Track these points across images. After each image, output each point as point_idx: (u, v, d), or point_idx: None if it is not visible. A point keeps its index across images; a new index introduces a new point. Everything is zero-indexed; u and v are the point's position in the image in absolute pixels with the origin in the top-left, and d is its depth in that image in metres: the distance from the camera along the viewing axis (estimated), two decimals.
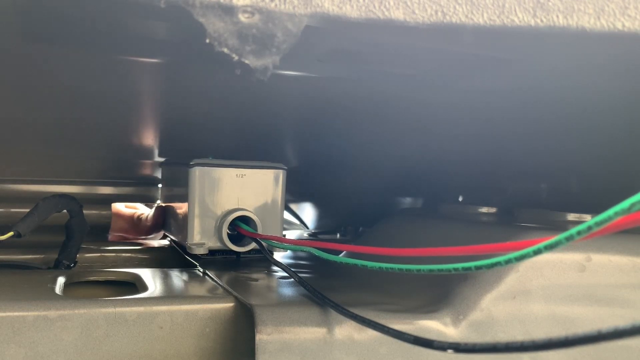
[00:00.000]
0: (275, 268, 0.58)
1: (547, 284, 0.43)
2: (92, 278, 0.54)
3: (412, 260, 0.34)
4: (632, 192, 0.22)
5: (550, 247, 0.24)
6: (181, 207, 0.61)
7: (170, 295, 0.46)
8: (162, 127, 0.64)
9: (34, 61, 0.43)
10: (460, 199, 0.83)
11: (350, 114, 0.61)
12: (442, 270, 0.30)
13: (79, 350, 0.39)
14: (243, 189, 0.59)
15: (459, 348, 0.26)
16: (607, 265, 0.44)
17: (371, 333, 0.39)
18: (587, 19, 0.32)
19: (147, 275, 0.53)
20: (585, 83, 0.48)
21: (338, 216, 1.00)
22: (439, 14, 0.30)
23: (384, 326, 0.36)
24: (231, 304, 0.43)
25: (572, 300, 0.43)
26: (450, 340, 0.40)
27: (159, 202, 0.82)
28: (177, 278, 0.53)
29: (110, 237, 0.78)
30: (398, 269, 0.35)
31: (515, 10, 0.31)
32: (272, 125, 0.66)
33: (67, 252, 0.60)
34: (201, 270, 0.56)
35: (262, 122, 0.64)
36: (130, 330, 0.40)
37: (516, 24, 0.31)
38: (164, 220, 0.73)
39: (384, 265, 0.36)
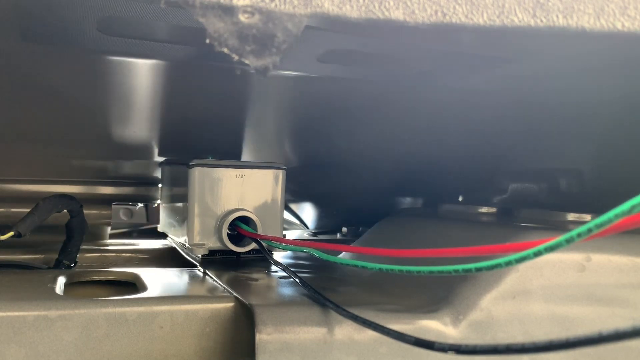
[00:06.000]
0: (275, 268, 0.58)
1: (547, 284, 0.43)
2: (92, 278, 0.54)
3: (412, 261, 0.34)
4: (631, 192, 0.22)
5: (550, 249, 0.24)
6: (181, 208, 0.61)
7: (170, 295, 0.46)
8: (162, 127, 0.64)
9: (34, 61, 0.43)
10: (460, 199, 0.83)
11: (350, 114, 0.61)
12: (442, 272, 0.30)
13: (79, 350, 0.39)
14: (243, 189, 0.59)
15: (460, 350, 0.26)
16: (607, 265, 0.44)
17: (371, 333, 0.39)
18: (587, 19, 0.32)
19: (147, 275, 0.53)
20: (585, 83, 0.48)
21: (338, 216, 1.00)
22: (439, 14, 0.30)
23: (384, 327, 0.36)
24: (231, 304, 0.43)
25: (572, 300, 0.43)
26: (451, 340, 0.40)
27: (159, 202, 0.82)
28: (177, 278, 0.53)
29: None
30: (398, 270, 0.35)
31: (515, 10, 0.31)
32: (272, 125, 0.66)
33: (67, 252, 0.60)
34: (201, 270, 0.56)
35: (262, 122, 0.64)
36: (131, 330, 0.40)
37: (516, 24, 0.31)
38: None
39: (384, 266, 0.36)
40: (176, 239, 0.65)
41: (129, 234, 0.89)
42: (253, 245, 0.57)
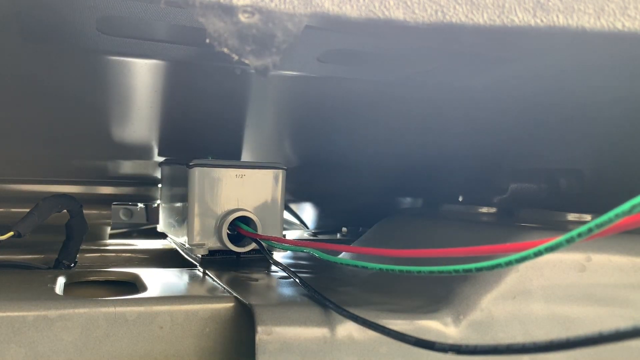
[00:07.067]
0: (275, 268, 0.58)
1: (547, 284, 0.43)
2: (92, 278, 0.54)
3: (412, 261, 0.34)
4: (632, 192, 0.22)
5: (551, 249, 0.24)
6: (181, 208, 0.61)
7: (170, 295, 0.46)
8: (162, 127, 0.64)
9: (34, 61, 0.43)
10: (460, 199, 0.83)
11: (349, 114, 0.61)
12: (442, 272, 0.30)
13: (79, 350, 0.39)
14: (243, 189, 0.59)
15: (460, 350, 0.26)
16: (607, 265, 0.44)
17: (371, 333, 0.39)
18: (587, 19, 0.32)
19: (147, 275, 0.53)
20: (585, 83, 0.48)
21: (338, 216, 1.00)
22: (439, 14, 0.30)
23: (384, 327, 0.36)
24: (231, 304, 0.43)
25: (572, 300, 0.43)
26: (451, 340, 0.40)
27: (159, 202, 0.82)
28: (177, 278, 0.53)
29: None
30: (398, 270, 0.35)
31: (515, 10, 0.31)
32: (272, 125, 0.66)
33: (67, 252, 0.60)
34: (201, 270, 0.56)
35: (262, 122, 0.64)
36: (131, 330, 0.40)
37: (516, 24, 0.31)
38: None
39: (384, 266, 0.36)
40: (176, 239, 0.65)
41: (129, 234, 0.89)
42: (253, 245, 0.57)
